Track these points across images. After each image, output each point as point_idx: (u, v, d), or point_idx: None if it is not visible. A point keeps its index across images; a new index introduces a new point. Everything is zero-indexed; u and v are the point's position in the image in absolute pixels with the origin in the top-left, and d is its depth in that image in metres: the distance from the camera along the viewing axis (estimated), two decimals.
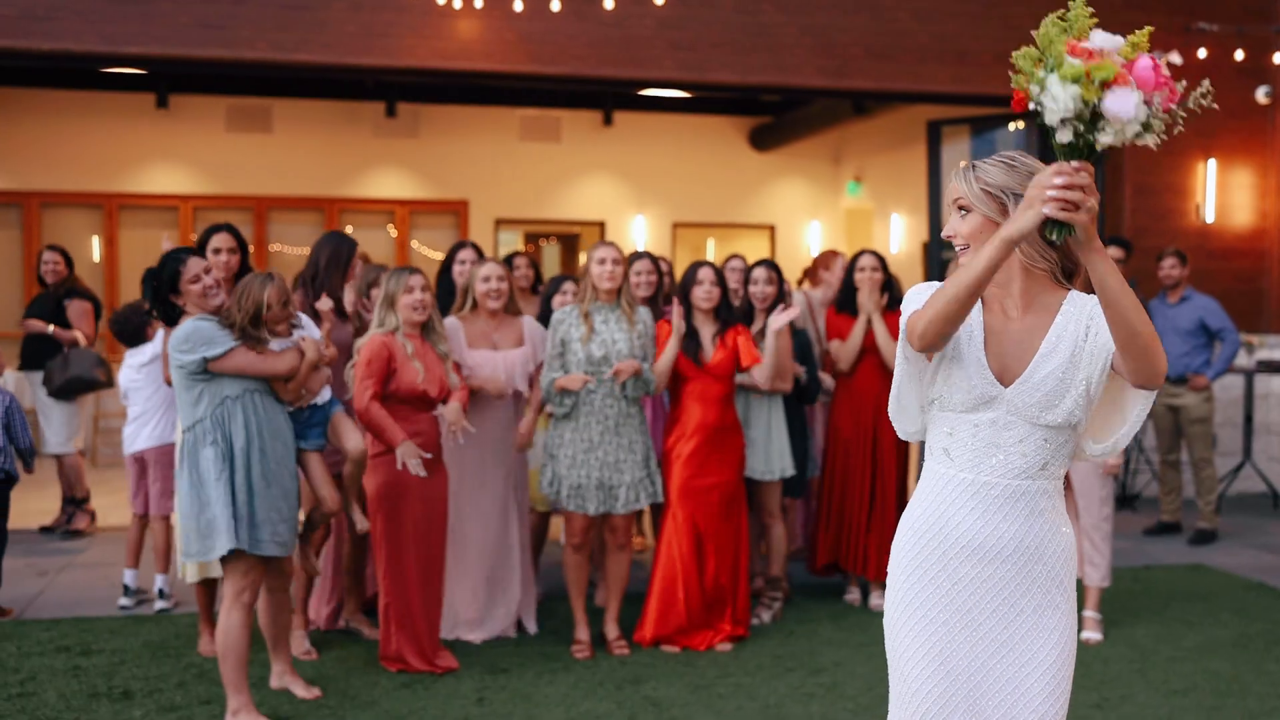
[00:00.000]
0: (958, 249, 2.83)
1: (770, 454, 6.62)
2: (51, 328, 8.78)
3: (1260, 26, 9.80)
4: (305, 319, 5.39)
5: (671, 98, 14.37)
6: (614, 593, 6.17)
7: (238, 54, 8.35)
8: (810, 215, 16.71)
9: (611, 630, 6.15)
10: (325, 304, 5.91)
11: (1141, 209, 9.81)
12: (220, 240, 5.81)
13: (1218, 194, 9.99)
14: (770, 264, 6.78)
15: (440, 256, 15.52)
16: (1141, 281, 8.77)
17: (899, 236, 15.14)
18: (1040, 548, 2.84)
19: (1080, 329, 2.77)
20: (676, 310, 6.04)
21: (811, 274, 7.94)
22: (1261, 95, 9.98)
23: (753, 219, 16.54)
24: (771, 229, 16.64)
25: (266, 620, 5.37)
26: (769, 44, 9.11)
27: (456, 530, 6.02)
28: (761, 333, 6.50)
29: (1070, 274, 2.80)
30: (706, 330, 6.22)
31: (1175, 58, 8.85)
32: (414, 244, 15.69)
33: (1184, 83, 2.49)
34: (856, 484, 6.85)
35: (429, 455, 5.56)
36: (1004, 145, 10.65)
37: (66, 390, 8.57)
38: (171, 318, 5.12)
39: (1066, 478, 6.24)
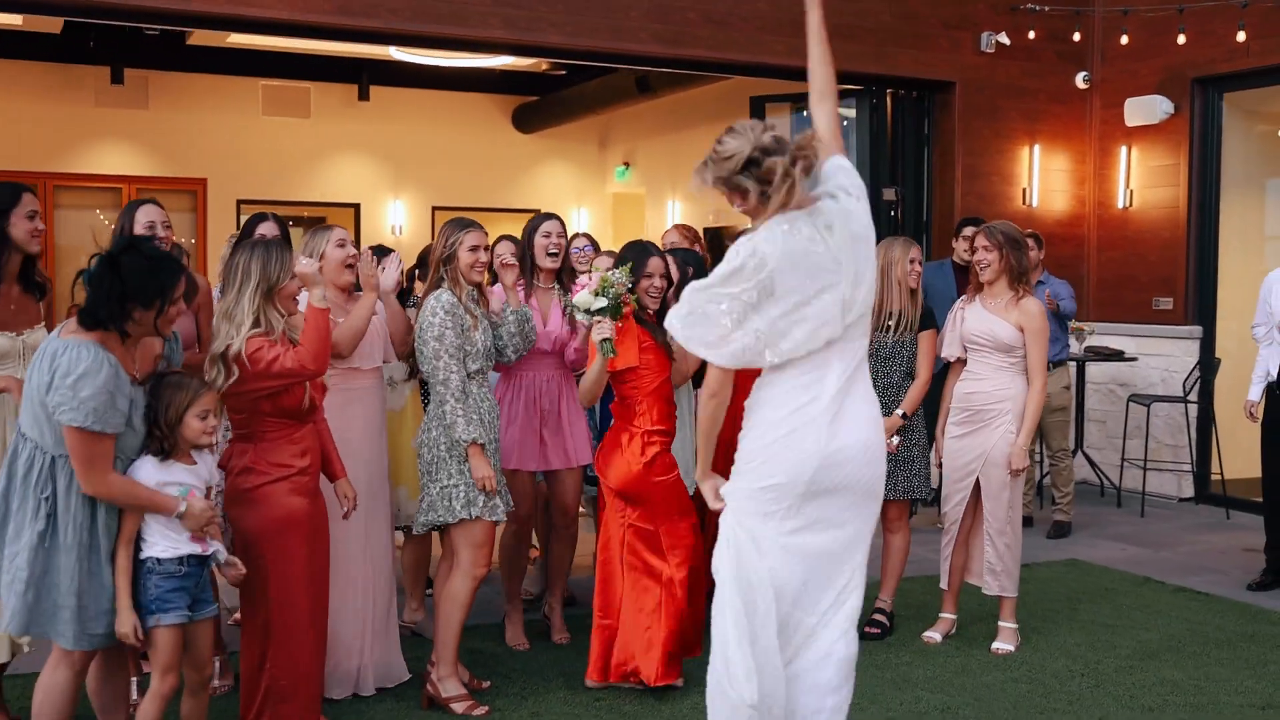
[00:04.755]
0: None
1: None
2: None
3: (1086, 9, 9.68)
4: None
5: (432, 70, 13.33)
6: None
7: None
8: (576, 200, 16.00)
9: None
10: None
11: (971, 192, 9.54)
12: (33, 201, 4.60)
13: (1040, 179, 9.83)
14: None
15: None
16: None
17: (674, 223, 14.57)
18: None
19: None
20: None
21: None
22: (1080, 81, 9.88)
23: (516, 203, 15.66)
24: (536, 213, 15.76)
25: (96, 690, 4.16)
26: (603, 5, 8.27)
27: (338, 566, 4.87)
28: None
29: None
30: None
31: (1004, 38, 8.42)
32: None
33: None
34: None
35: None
36: None
37: None
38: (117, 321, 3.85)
39: (977, 485, 5.80)
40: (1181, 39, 8.31)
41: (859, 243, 3.53)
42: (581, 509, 6.19)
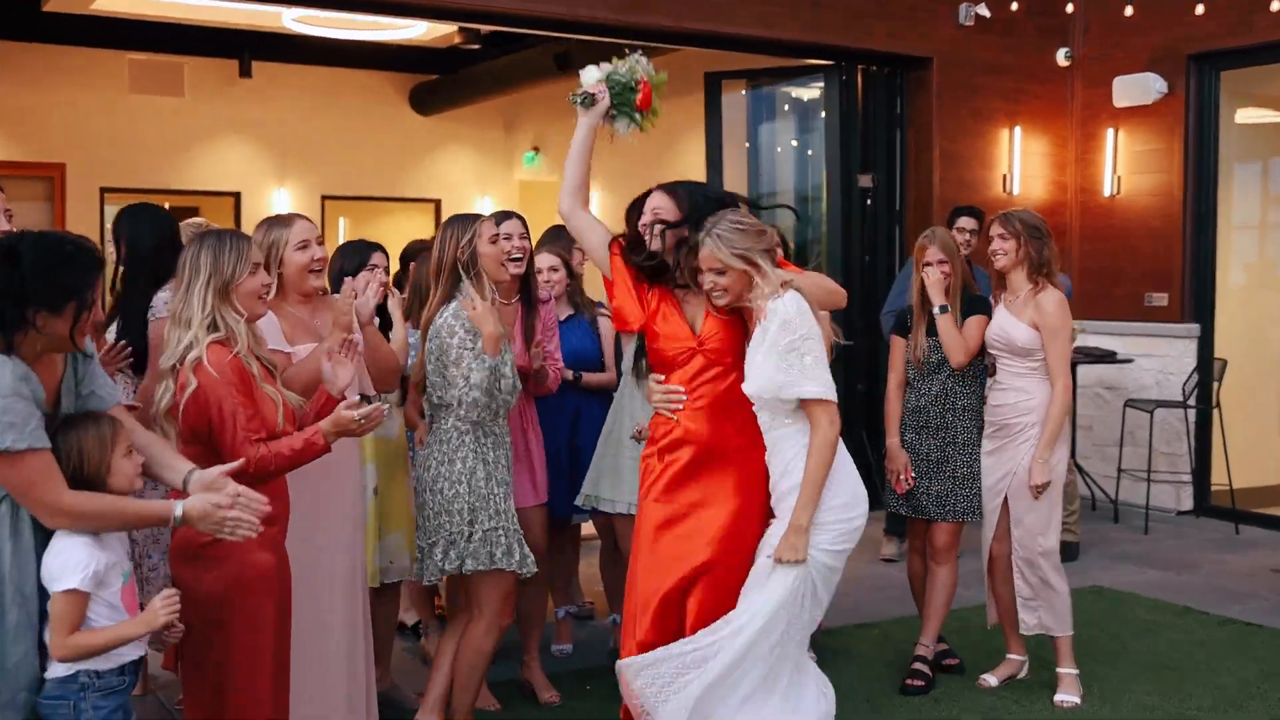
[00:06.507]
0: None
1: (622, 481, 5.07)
2: None
3: None
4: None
5: (323, 44, 11.98)
6: None
7: None
8: (480, 189, 14.87)
9: None
10: None
11: (949, 178, 8.67)
12: None
13: (1022, 164, 9.01)
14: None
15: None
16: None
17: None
18: None
19: None
20: None
21: None
22: (1062, 58, 9.09)
23: (415, 192, 14.49)
24: (437, 203, 14.63)
25: None
26: None
27: (304, 624, 3.83)
28: None
29: None
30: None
31: (983, 10, 7.47)
32: None
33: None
34: None
35: None
36: (782, 102, 9.26)
37: None
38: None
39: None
40: (1200, 9, 7.49)
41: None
42: None
